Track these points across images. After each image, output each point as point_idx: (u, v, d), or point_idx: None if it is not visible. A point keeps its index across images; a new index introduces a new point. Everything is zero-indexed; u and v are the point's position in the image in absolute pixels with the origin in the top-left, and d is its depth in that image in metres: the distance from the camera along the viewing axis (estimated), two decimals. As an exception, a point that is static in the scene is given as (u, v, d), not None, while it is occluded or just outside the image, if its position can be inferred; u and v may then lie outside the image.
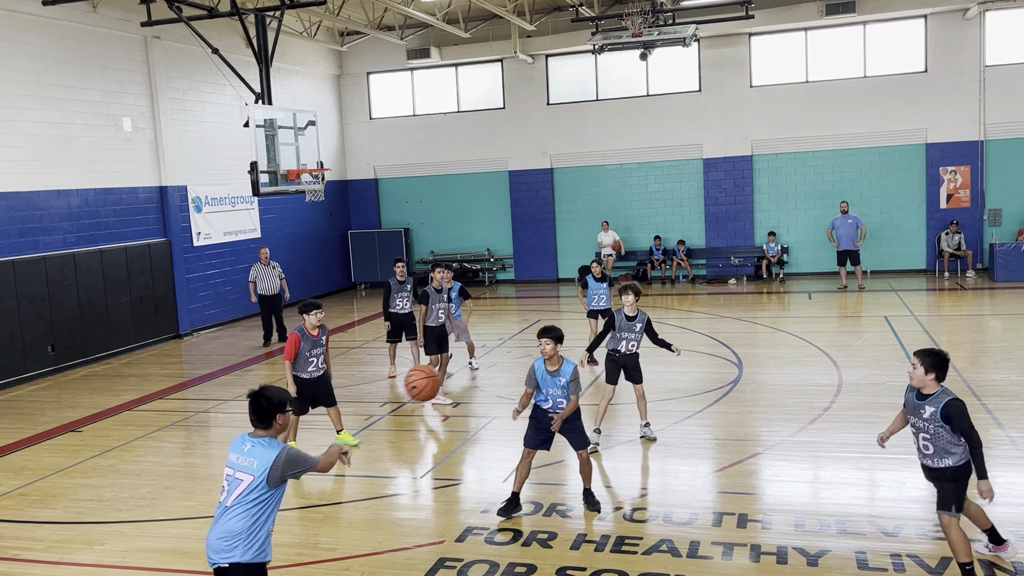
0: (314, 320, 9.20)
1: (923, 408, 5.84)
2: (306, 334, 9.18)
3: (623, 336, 9.26)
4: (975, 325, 15.51)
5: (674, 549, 6.67)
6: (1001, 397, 10.33)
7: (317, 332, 9.25)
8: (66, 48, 15.28)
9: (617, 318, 9.25)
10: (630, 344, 9.27)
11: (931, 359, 5.82)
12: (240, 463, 4.88)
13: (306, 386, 9.23)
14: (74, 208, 15.46)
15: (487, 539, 7.00)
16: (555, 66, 23.23)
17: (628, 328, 9.24)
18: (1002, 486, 7.65)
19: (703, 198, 22.46)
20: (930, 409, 5.79)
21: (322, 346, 9.29)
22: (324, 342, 9.32)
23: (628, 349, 9.29)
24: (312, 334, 9.22)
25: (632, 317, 9.22)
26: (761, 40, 21.70)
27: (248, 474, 4.81)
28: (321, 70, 23.49)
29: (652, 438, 9.35)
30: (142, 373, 14.61)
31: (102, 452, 10.03)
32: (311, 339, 9.20)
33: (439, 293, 11.72)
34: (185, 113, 18.13)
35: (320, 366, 9.31)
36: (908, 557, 6.32)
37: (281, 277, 16.18)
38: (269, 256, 16.24)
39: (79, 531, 7.70)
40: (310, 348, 9.18)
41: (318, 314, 9.22)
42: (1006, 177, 20.59)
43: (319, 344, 9.25)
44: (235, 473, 4.88)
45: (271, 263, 16.16)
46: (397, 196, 24.85)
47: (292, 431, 9.30)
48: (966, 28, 20.27)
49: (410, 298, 12.84)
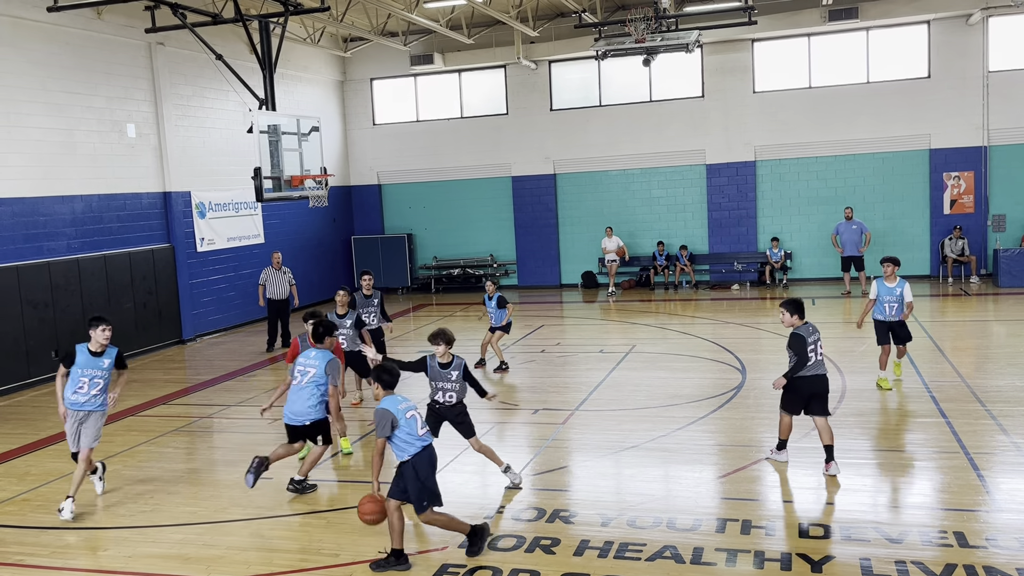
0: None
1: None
2: (307, 342, 9.17)
3: (439, 385, 8.16)
4: (979, 331, 15.47)
5: (677, 555, 6.65)
6: (1006, 403, 10.30)
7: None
8: (71, 54, 15.33)
9: (430, 364, 8.09)
10: (447, 395, 8.15)
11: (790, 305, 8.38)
12: (308, 363, 8.20)
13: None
14: (78, 214, 15.50)
15: (490, 545, 6.99)
16: (558, 72, 23.26)
17: (443, 377, 8.09)
18: (1007, 492, 7.64)
19: (706, 203, 22.45)
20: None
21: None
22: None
23: (447, 400, 8.15)
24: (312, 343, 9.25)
25: (447, 364, 8.05)
26: (764, 46, 21.72)
27: (314, 368, 8.14)
28: (325, 76, 23.55)
29: (517, 484, 8.25)
30: (145, 378, 14.62)
31: (105, 457, 10.01)
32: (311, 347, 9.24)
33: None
34: (189, 119, 18.18)
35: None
36: (913, 564, 6.30)
37: (292, 283, 16.25)
38: (281, 261, 16.28)
39: (82, 537, 7.70)
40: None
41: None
42: (1010, 183, 20.56)
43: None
44: (306, 368, 8.18)
45: (283, 268, 16.20)
46: (400, 202, 24.88)
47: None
48: (969, 34, 20.26)
49: (377, 312, 12.12)
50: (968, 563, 6.26)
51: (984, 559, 6.31)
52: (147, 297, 16.91)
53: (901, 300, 11.06)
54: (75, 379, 8.14)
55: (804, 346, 8.15)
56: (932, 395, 10.85)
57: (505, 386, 12.71)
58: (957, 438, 9.09)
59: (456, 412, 8.16)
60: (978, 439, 9.04)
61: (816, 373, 8.25)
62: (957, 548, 6.51)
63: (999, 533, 6.74)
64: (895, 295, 11.06)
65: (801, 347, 8.14)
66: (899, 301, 11.08)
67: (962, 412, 10.02)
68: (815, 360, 8.21)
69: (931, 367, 12.32)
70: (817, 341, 8.28)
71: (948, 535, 6.75)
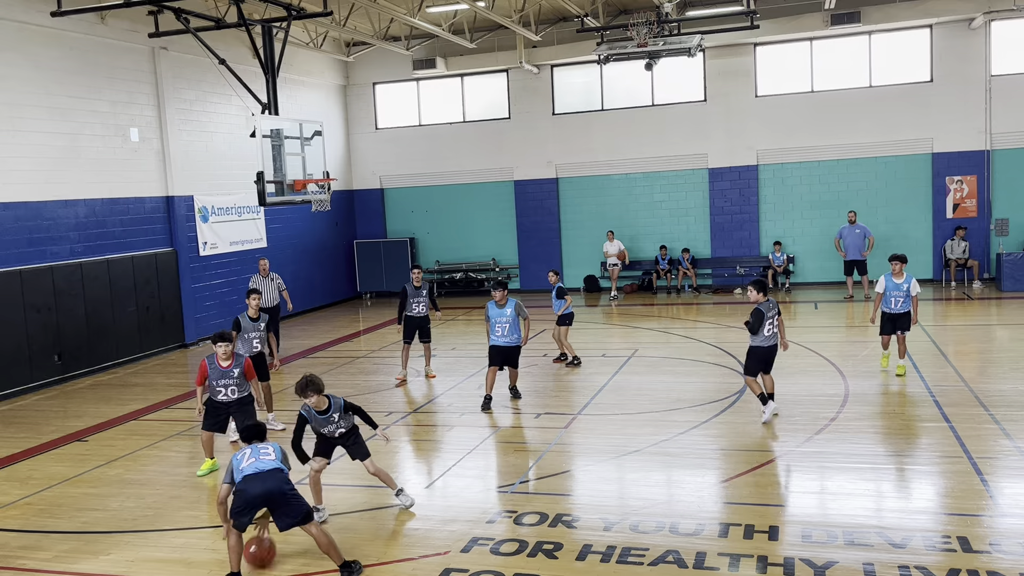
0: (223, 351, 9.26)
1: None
2: (215, 363, 9.27)
3: (326, 429, 7.83)
4: (982, 335, 15.44)
5: (680, 560, 6.64)
6: (1009, 408, 10.28)
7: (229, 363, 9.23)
8: (74, 59, 15.37)
9: (309, 417, 7.72)
10: (337, 431, 7.86)
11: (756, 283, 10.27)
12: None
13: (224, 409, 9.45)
14: (81, 218, 15.52)
15: (492, 549, 6.98)
16: (560, 76, 23.29)
17: (326, 422, 7.76)
18: (1010, 497, 7.62)
19: (708, 207, 22.45)
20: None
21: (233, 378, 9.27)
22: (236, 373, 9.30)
23: (338, 434, 7.88)
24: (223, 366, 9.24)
25: (324, 410, 7.69)
26: (766, 50, 21.73)
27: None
28: (327, 80, 23.59)
29: (408, 506, 8.00)
30: (148, 382, 14.63)
31: (108, 462, 10.04)
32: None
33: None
34: (192, 123, 18.22)
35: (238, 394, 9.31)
36: (916, 569, 6.28)
37: (282, 288, 15.74)
38: (268, 267, 15.78)
39: (84, 541, 7.70)
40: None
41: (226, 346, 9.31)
42: (1013, 187, 20.54)
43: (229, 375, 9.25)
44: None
45: (271, 274, 15.71)
46: (403, 206, 24.90)
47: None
48: (972, 38, 20.26)
49: (426, 303, 13.41)
50: (972, 568, 6.24)
51: (988, 564, 6.29)
52: (150, 301, 16.92)
53: (908, 295, 11.92)
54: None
55: (763, 319, 10.07)
56: (935, 399, 10.83)
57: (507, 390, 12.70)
58: (960, 442, 9.07)
59: (348, 439, 7.88)
60: (981, 443, 9.02)
61: (770, 344, 10.25)
62: (960, 553, 6.50)
63: (1003, 538, 6.73)
64: (902, 290, 11.94)
65: (759, 319, 10.07)
66: (906, 295, 11.94)
67: (965, 416, 10.00)
68: (772, 332, 10.19)
69: (934, 371, 12.30)
70: (775, 316, 10.20)
71: (952, 540, 6.73)
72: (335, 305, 23.59)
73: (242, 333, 11.03)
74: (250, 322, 11.26)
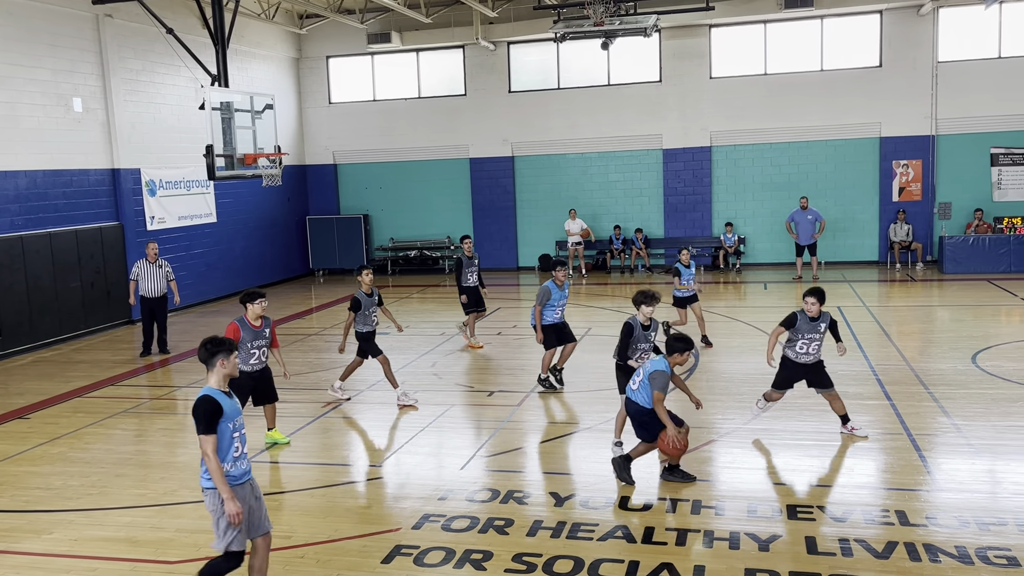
0: (258, 310, 8.83)
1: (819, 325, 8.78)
2: (247, 324, 8.80)
3: (640, 347, 8.93)
4: (924, 316, 15.87)
5: (629, 535, 6.74)
6: (948, 386, 10.60)
7: (260, 323, 8.87)
8: (14, 25, 14.83)
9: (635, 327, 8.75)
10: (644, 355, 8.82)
11: (821, 294, 8.73)
12: None
13: (246, 380, 8.75)
14: (22, 190, 15.05)
15: (443, 526, 7.01)
16: (517, 54, 23.17)
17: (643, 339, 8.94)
18: (947, 472, 7.87)
19: (662, 188, 22.62)
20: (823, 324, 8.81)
21: (265, 338, 8.89)
22: (268, 334, 8.92)
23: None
24: (254, 325, 8.83)
25: None
26: (721, 32, 21.87)
27: None
28: (279, 53, 23.14)
29: None
30: (93, 359, 14.31)
31: (51, 440, 9.81)
32: (252, 330, 8.80)
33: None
34: (139, 94, 17.73)
35: (262, 359, 8.91)
36: (856, 541, 6.47)
37: (170, 278, 14.34)
38: (158, 253, 14.35)
39: (27, 520, 7.53)
40: (252, 339, 8.77)
41: (263, 303, 8.86)
42: (956, 171, 21.06)
43: (261, 336, 8.86)
44: None
45: (159, 261, 14.31)
46: (356, 182, 24.62)
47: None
48: (920, 24, 20.65)
49: (477, 271, 13.89)
50: (909, 540, 6.44)
51: (924, 537, 6.50)
52: (95, 276, 16.51)
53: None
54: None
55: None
56: (878, 378, 11.12)
57: (461, 368, 12.71)
58: (900, 420, 9.34)
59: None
60: (920, 421, 9.30)
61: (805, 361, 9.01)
62: (899, 526, 6.70)
63: (939, 512, 6.96)
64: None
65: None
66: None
67: (906, 395, 10.29)
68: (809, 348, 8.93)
69: (877, 351, 12.61)
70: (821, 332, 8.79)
71: (890, 514, 6.94)
72: (287, 282, 23.30)
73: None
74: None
